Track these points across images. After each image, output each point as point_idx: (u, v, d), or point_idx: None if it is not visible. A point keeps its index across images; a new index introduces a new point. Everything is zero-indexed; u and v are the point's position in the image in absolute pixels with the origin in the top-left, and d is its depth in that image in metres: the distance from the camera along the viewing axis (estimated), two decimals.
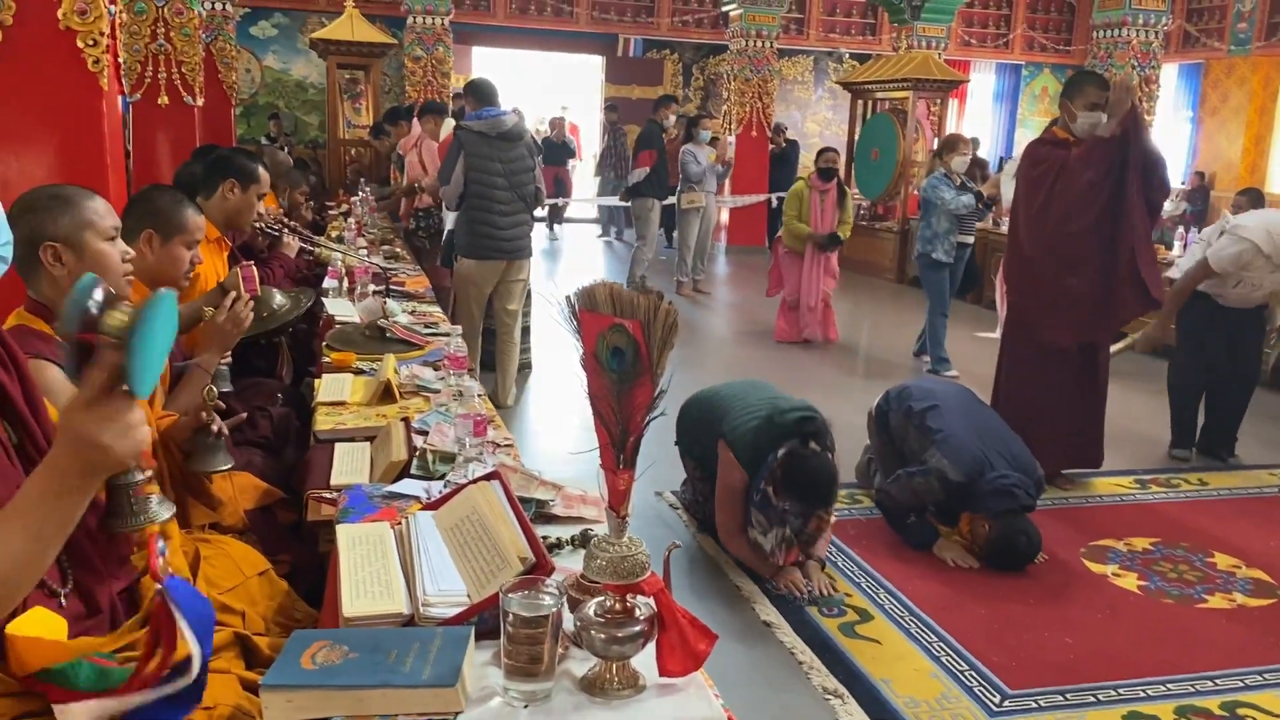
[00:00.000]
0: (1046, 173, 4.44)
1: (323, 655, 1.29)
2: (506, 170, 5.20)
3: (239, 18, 12.12)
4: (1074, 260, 4.41)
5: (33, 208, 2.09)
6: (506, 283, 5.42)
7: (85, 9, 4.15)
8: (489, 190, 5.18)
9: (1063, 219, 4.38)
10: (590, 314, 1.25)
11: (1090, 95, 4.26)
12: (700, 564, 3.74)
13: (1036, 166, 4.51)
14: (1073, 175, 4.34)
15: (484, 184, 5.17)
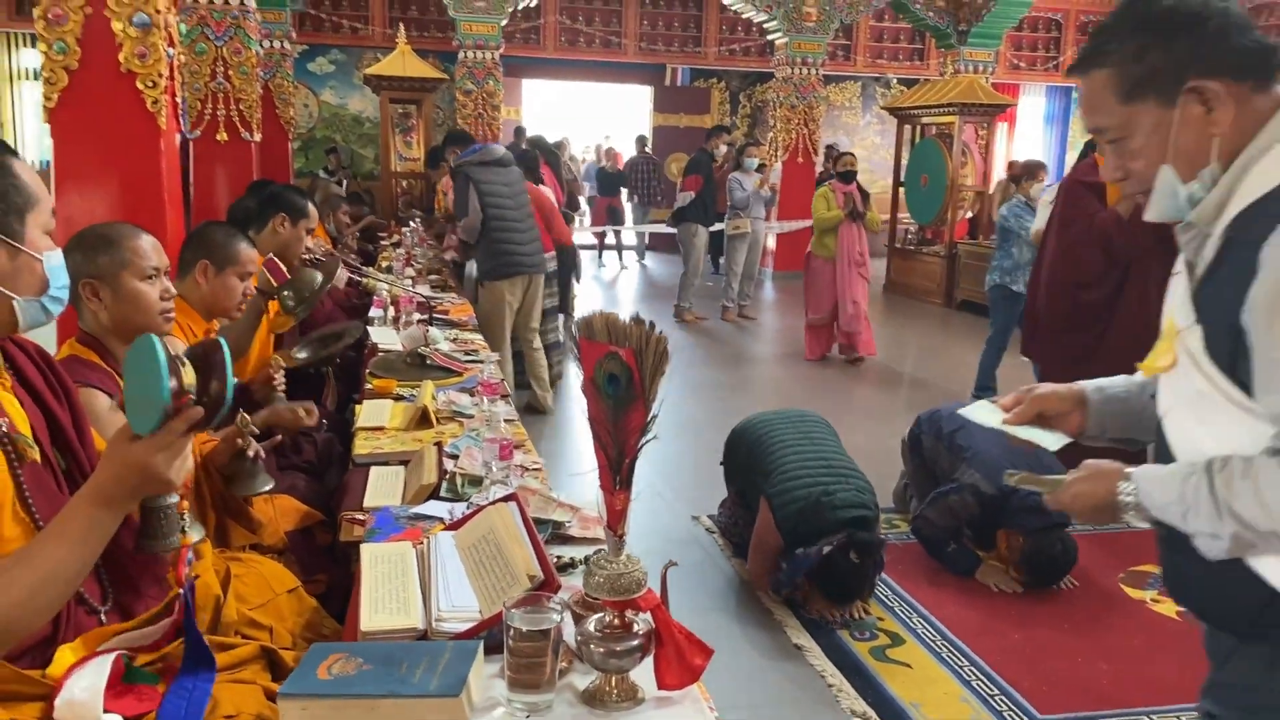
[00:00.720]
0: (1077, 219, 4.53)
1: (338, 667, 1.37)
2: (511, 193, 5.60)
3: (297, 55, 12.48)
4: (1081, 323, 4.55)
5: (80, 246, 2.21)
6: (530, 299, 5.77)
7: (145, 53, 4.34)
8: (503, 211, 5.54)
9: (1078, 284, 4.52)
10: (589, 342, 1.32)
11: None
12: (734, 587, 3.78)
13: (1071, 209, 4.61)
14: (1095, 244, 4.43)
15: (498, 206, 5.53)
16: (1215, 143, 1.28)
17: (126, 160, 4.39)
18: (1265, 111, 1.28)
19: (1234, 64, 1.27)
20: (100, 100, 4.31)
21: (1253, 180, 1.25)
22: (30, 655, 1.39)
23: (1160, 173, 1.32)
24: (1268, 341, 1.18)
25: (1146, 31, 1.29)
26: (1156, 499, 1.31)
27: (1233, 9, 1.28)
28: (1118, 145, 1.36)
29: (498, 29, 10.93)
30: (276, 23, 10.36)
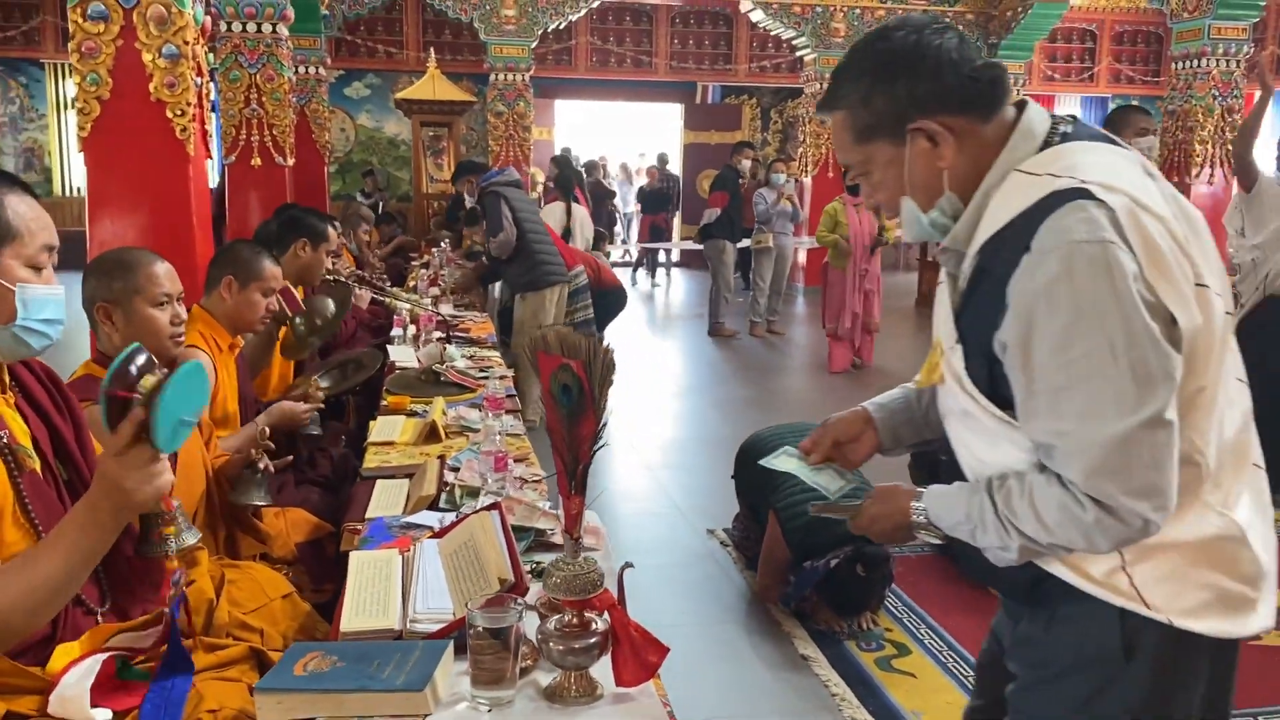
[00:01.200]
0: None
1: (314, 664, 1.45)
2: (534, 209, 5.93)
3: (333, 80, 12.75)
4: None
5: (97, 270, 2.33)
6: (558, 309, 5.93)
7: (174, 82, 4.49)
8: (536, 225, 5.81)
9: None
10: (545, 355, 1.39)
11: (1136, 123, 4.23)
12: (745, 599, 3.82)
13: None
14: None
15: (531, 220, 5.79)
16: (944, 175, 1.36)
17: (157, 186, 4.54)
18: (995, 139, 1.35)
19: (954, 100, 1.34)
20: (131, 129, 4.46)
21: (994, 208, 1.32)
22: (31, 652, 1.49)
23: (902, 203, 1.41)
24: (1023, 378, 1.27)
25: (869, 77, 1.36)
26: (945, 519, 1.42)
27: (947, 45, 1.33)
28: (864, 178, 1.45)
29: (528, 51, 11.10)
30: (311, 49, 10.60)
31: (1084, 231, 1.21)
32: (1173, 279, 1.23)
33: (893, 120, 1.35)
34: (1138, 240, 1.22)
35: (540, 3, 11.04)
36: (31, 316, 1.53)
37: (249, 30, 7.71)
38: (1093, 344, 1.20)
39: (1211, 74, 9.39)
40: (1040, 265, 1.22)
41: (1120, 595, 1.31)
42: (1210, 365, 1.29)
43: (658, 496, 4.93)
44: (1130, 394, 1.20)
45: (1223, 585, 1.32)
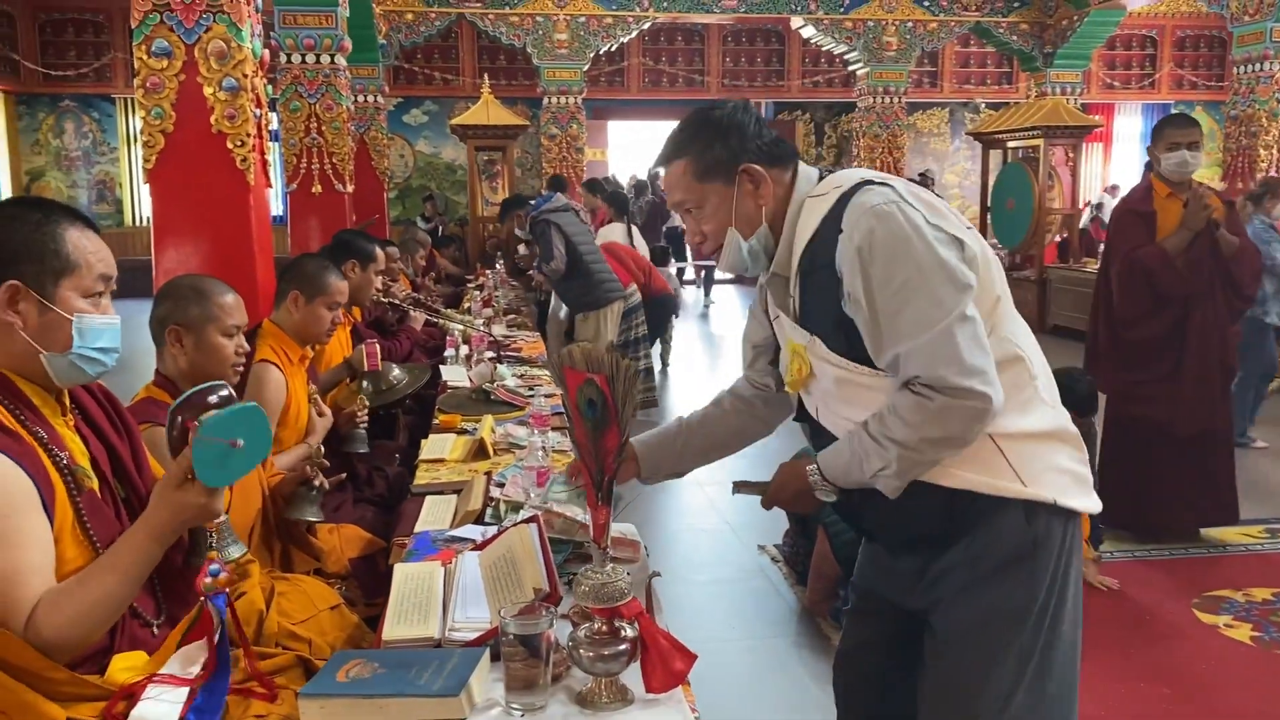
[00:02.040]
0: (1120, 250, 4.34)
1: (355, 671, 1.50)
2: (586, 230, 6.07)
3: (392, 107, 13.01)
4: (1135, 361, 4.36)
5: (173, 294, 2.42)
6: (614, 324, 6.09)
7: (234, 114, 4.65)
8: (591, 246, 5.98)
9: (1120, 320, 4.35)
10: (571, 370, 1.44)
11: (1169, 137, 4.18)
12: (795, 614, 3.82)
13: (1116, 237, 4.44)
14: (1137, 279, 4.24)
15: (585, 244, 5.93)
16: (763, 210, 1.74)
17: (218, 216, 4.69)
18: (789, 185, 1.75)
19: (765, 155, 1.73)
20: (194, 160, 4.62)
21: (801, 229, 1.70)
22: (89, 662, 1.56)
23: (728, 233, 1.76)
24: (867, 317, 1.58)
25: (709, 132, 1.74)
26: (835, 467, 1.70)
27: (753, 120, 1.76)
28: (695, 214, 1.79)
29: (580, 74, 11.24)
30: (369, 78, 10.85)
31: (878, 198, 1.59)
32: (951, 221, 1.62)
33: (727, 164, 1.73)
34: (917, 201, 1.61)
35: (592, 26, 11.19)
36: (87, 345, 1.62)
37: (308, 61, 7.92)
38: (908, 272, 1.55)
39: (1275, 77, 9.21)
40: (855, 231, 1.58)
41: (1021, 492, 1.62)
42: (997, 282, 1.66)
43: (708, 513, 4.95)
44: (943, 299, 1.54)
45: (1073, 468, 1.69)
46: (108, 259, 1.68)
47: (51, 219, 1.61)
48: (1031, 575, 1.67)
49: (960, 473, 1.62)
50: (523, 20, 11.12)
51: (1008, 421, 1.61)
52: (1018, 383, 1.63)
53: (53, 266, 1.59)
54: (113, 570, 1.53)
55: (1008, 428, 1.61)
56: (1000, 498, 1.63)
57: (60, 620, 1.47)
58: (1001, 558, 1.65)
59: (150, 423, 2.17)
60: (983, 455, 1.61)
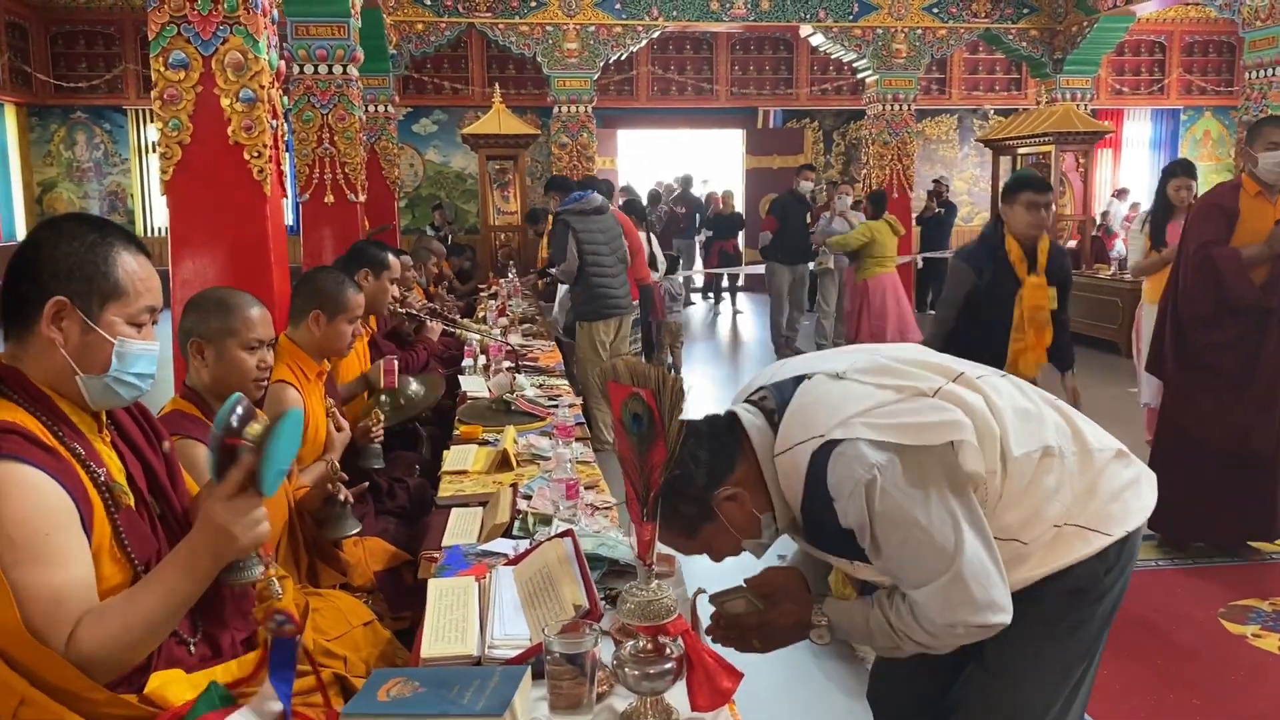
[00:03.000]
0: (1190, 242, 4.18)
1: (396, 689, 1.48)
2: (607, 239, 5.97)
3: (401, 117, 13.02)
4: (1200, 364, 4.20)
5: (198, 306, 2.42)
6: (619, 338, 6.09)
7: (251, 125, 4.64)
8: (600, 258, 5.92)
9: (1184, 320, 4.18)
10: (615, 384, 1.42)
11: (1267, 135, 4.08)
12: None
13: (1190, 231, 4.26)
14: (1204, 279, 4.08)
15: (595, 254, 5.90)
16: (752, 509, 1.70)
17: (235, 226, 4.68)
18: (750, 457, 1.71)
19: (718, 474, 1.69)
20: (211, 171, 4.61)
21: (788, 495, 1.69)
22: (125, 682, 1.55)
23: (745, 545, 1.76)
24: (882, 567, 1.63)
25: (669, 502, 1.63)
26: (845, 628, 1.75)
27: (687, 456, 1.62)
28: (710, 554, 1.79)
29: (590, 83, 11.24)
30: (380, 88, 10.85)
31: (858, 470, 1.57)
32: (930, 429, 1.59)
33: (700, 511, 1.69)
34: (889, 434, 1.58)
35: (601, 35, 11.19)
36: (125, 370, 1.61)
37: (320, 72, 7.93)
38: (904, 532, 1.57)
39: None
40: (850, 508, 1.59)
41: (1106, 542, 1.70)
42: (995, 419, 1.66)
43: None
44: (944, 547, 1.56)
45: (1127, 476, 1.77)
46: (155, 290, 1.66)
47: (107, 240, 1.61)
48: (1093, 617, 1.75)
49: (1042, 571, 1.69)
50: (532, 30, 11.12)
51: (1060, 507, 1.68)
52: (1051, 468, 1.68)
53: (101, 288, 1.58)
54: (157, 592, 1.52)
55: (1064, 509, 1.68)
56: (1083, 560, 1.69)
57: (104, 638, 1.46)
58: (1066, 591, 1.72)
59: (180, 435, 2.16)
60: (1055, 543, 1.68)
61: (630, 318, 6.23)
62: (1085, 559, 1.69)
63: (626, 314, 6.16)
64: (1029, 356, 4.00)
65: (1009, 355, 3.96)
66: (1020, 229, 3.95)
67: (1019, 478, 1.65)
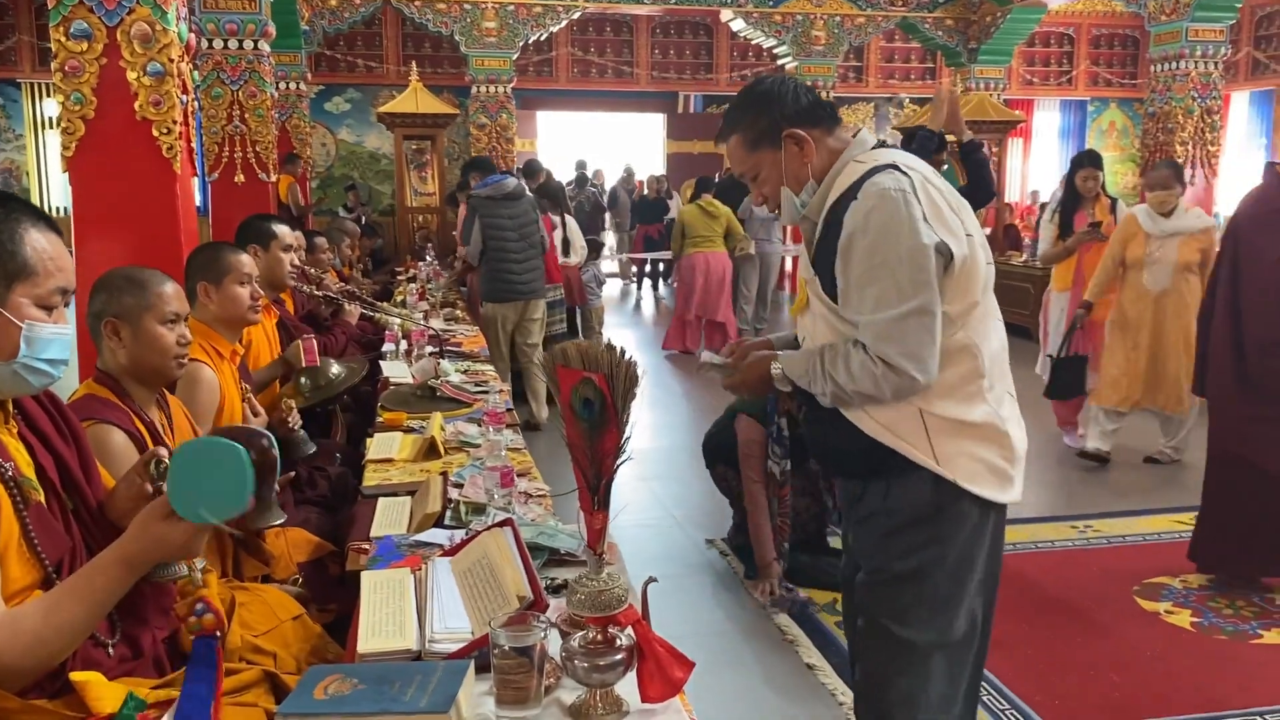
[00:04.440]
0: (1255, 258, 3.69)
1: (334, 687, 1.42)
2: (515, 225, 6.09)
3: (313, 95, 12.70)
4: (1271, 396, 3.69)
5: (107, 286, 2.29)
6: (525, 321, 6.26)
7: (159, 100, 4.44)
8: (503, 243, 6.04)
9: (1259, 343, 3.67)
10: (564, 369, 1.38)
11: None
12: (747, 609, 3.80)
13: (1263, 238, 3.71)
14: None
15: (498, 239, 6.03)
16: (809, 167, 1.96)
17: (143, 206, 4.48)
18: (837, 146, 1.97)
19: (808, 117, 1.96)
20: (117, 148, 4.41)
21: (838, 185, 1.92)
22: (39, 687, 1.45)
23: (783, 192, 2.00)
24: (843, 278, 1.86)
25: (754, 108, 1.99)
26: (792, 370, 1.98)
27: (798, 86, 1.99)
28: (754, 181, 2.05)
29: (509, 63, 11.09)
30: (291, 65, 10.56)
31: (890, 183, 1.82)
32: (947, 224, 1.83)
33: (772, 132, 1.96)
34: (924, 197, 1.82)
35: (521, 14, 11.03)
36: (35, 356, 1.50)
37: (230, 47, 7.66)
38: (884, 255, 1.79)
39: (1190, 75, 9.47)
40: (861, 204, 1.82)
41: (926, 459, 1.88)
42: (977, 288, 1.88)
43: (653, 508, 4.91)
44: (904, 289, 1.79)
45: (993, 462, 1.91)
46: (68, 270, 1.56)
47: (12, 216, 1.49)
48: (935, 543, 1.94)
49: (882, 427, 1.90)
50: (450, 7, 10.90)
51: (942, 405, 1.87)
52: (965, 377, 1.88)
53: (7, 269, 1.47)
54: (80, 599, 1.42)
55: (939, 410, 1.87)
56: (910, 460, 1.90)
57: (17, 647, 1.36)
58: (909, 515, 1.94)
59: (93, 420, 2.05)
60: (907, 421, 1.88)
61: (538, 301, 6.34)
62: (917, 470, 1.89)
63: (533, 298, 6.27)
64: None
65: None
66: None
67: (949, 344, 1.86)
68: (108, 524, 1.68)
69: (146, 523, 1.46)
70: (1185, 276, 5.17)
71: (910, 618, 1.96)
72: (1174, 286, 5.18)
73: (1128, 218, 5.35)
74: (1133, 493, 5.13)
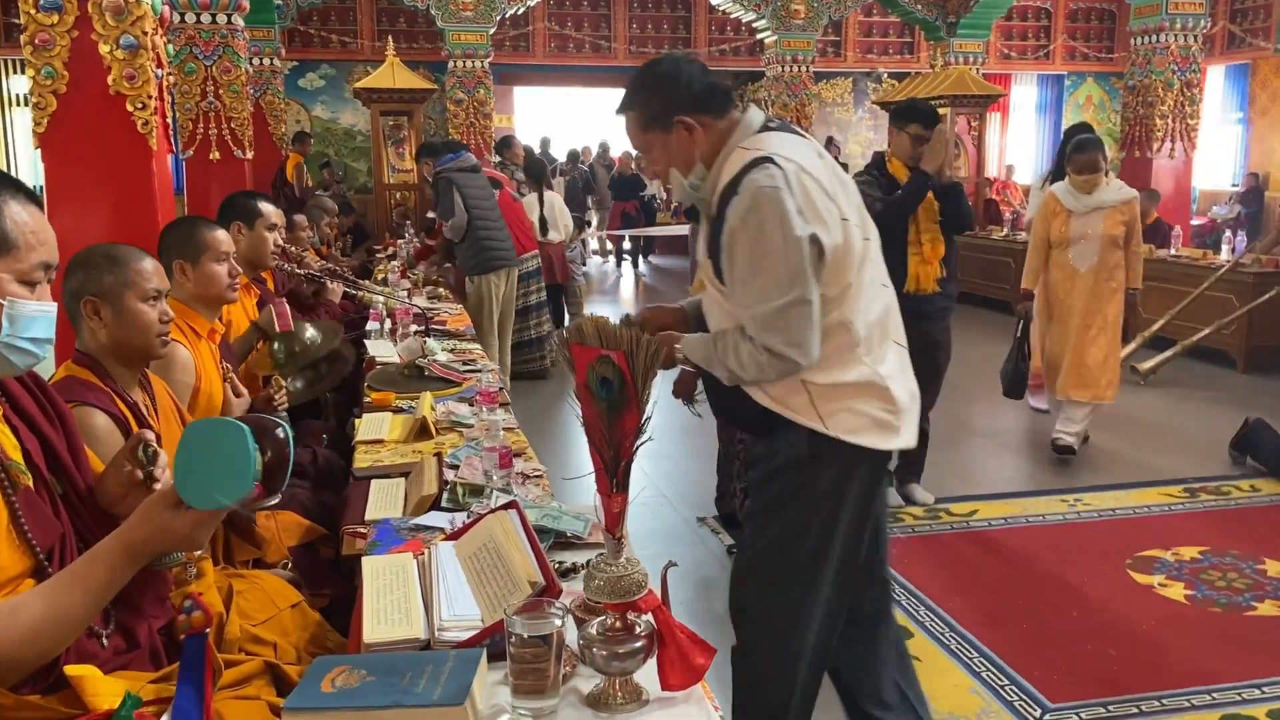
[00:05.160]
0: None
1: (341, 679, 1.36)
2: (485, 194, 6.14)
3: (287, 71, 12.49)
4: None
5: (85, 264, 2.21)
6: (509, 289, 6.26)
7: (134, 75, 4.34)
8: (485, 212, 6.03)
9: None
10: (580, 347, 1.32)
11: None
12: None
13: None
14: None
15: (481, 207, 6.01)
16: (697, 153, 2.06)
17: (119, 182, 4.39)
18: (726, 129, 2.06)
19: (700, 104, 2.04)
20: (90, 123, 4.30)
21: (725, 172, 2.01)
22: (30, 683, 1.39)
23: (671, 173, 2.10)
24: (729, 273, 1.98)
25: (650, 88, 2.09)
26: (695, 355, 2.10)
27: (694, 70, 2.07)
28: (647, 156, 2.16)
29: (486, 38, 10.94)
30: (265, 40, 10.38)
31: (765, 181, 1.91)
32: (820, 213, 1.94)
33: (664, 116, 2.05)
34: (798, 190, 1.92)
35: None
36: (18, 334, 1.43)
37: (204, 21, 7.50)
38: (763, 250, 1.91)
39: (1170, 49, 9.46)
40: (740, 201, 1.93)
41: (812, 421, 2.03)
42: (851, 270, 2.01)
43: (643, 485, 4.87)
44: (782, 282, 1.91)
45: (873, 413, 2.05)
46: (51, 244, 1.49)
47: None
48: (806, 488, 2.09)
49: (772, 399, 2.06)
50: None
51: (822, 375, 2.02)
52: (840, 348, 2.02)
53: None
54: (80, 589, 1.36)
55: (819, 379, 2.02)
56: (794, 420, 2.05)
57: (15, 638, 1.30)
58: (785, 459, 2.10)
59: (75, 402, 1.97)
60: (794, 395, 2.04)
61: (518, 270, 6.38)
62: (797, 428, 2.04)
63: (515, 265, 6.29)
64: (927, 270, 4.23)
65: (909, 270, 4.20)
66: (904, 154, 4.23)
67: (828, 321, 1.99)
68: (98, 510, 1.62)
69: (151, 511, 1.40)
70: (1111, 251, 5.02)
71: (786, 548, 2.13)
72: (1101, 262, 5.02)
73: (1049, 196, 5.25)
74: (1121, 465, 5.14)
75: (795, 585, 2.13)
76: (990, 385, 5.84)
